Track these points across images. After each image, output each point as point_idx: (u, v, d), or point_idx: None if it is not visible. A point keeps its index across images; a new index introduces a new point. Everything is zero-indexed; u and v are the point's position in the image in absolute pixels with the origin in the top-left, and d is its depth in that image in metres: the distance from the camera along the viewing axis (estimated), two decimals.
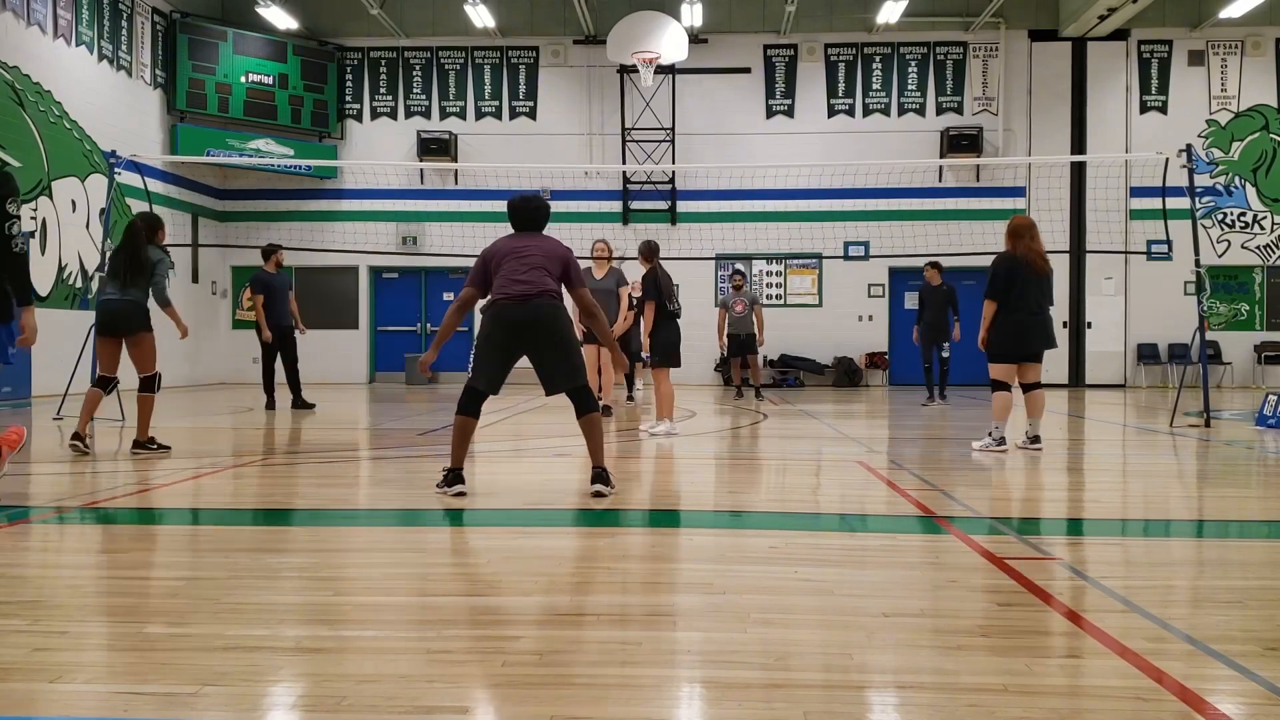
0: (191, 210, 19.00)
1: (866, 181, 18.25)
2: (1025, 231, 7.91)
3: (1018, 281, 7.72)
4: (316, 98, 19.63)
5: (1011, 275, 7.74)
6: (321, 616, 3.20)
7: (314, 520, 5.04)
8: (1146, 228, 17.73)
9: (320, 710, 2.38)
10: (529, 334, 5.37)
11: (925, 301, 13.31)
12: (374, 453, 8.02)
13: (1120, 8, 17.48)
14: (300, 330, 12.13)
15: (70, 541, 4.60)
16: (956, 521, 4.77)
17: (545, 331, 5.36)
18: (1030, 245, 7.82)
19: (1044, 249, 8.00)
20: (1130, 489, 6.35)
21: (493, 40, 19.85)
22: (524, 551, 4.21)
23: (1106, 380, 19.36)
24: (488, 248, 5.65)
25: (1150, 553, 4.39)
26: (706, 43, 19.50)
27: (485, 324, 5.50)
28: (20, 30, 14.11)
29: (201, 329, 19.35)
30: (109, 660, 2.76)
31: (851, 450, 8.09)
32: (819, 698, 2.46)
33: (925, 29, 19.42)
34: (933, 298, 13.21)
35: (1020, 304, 7.75)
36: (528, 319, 5.35)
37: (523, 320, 5.35)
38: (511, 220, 5.73)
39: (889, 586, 3.61)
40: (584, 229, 17.99)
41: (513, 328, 5.36)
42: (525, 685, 2.55)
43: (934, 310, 13.16)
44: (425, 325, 20.40)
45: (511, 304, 5.34)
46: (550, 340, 5.39)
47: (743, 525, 4.92)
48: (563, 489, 5.90)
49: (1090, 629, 3.01)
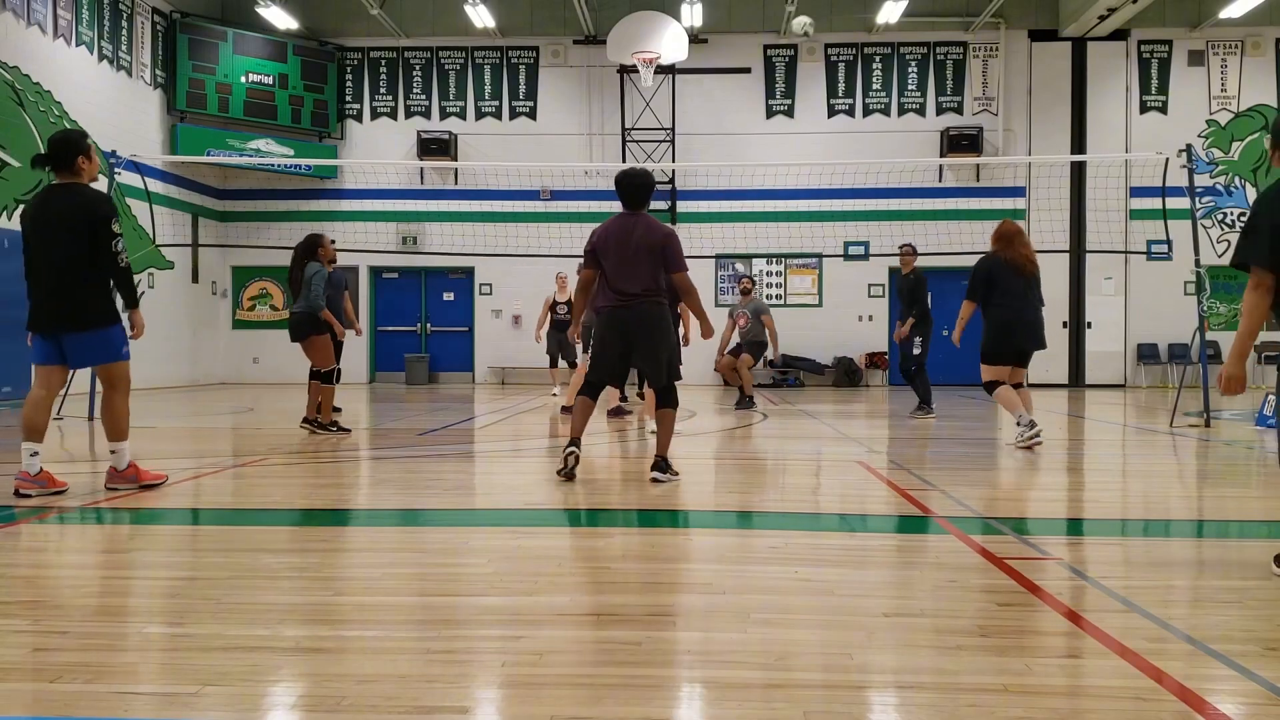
0: (191, 210, 19.00)
1: (866, 181, 18.25)
2: (1014, 238, 7.97)
3: (1000, 283, 7.77)
4: (316, 98, 19.63)
5: (992, 277, 7.80)
6: (321, 616, 3.20)
7: (314, 520, 5.04)
8: (1146, 228, 17.71)
9: (320, 710, 2.38)
10: (633, 335, 5.98)
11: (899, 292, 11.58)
12: (374, 453, 8.02)
13: (1120, 8, 17.48)
14: (356, 331, 11.41)
15: (70, 541, 4.60)
16: (956, 521, 4.77)
17: (646, 333, 5.97)
18: (1018, 249, 7.88)
19: (1032, 251, 8.02)
20: (1130, 489, 6.35)
21: (493, 40, 19.85)
22: (524, 551, 4.21)
23: (1106, 380, 19.36)
24: (596, 230, 6.14)
25: (1150, 553, 4.39)
26: (706, 43, 19.50)
27: (598, 325, 6.15)
28: (20, 30, 14.11)
29: (201, 329, 19.37)
30: (109, 660, 2.75)
31: (851, 450, 8.09)
32: (819, 698, 2.46)
33: (925, 29, 19.42)
34: (902, 287, 11.42)
35: (1005, 304, 7.76)
36: (632, 322, 5.96)
37: (627, 323, 5.97)
38: (619, 196, 6.12)
39: (889, 586, 3.62)
40: (584, 229, 17.95)
41: (620, 330, 5.99)
42: (525, 685, 2.55)
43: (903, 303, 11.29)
44: (425, 325, 20.40)
45: (617, 309, 5.98)
46: (649, 341, 5.97)
47: (743, 525, 4.92)
48: (563, 489, 5.90)
49: (1090, 629, 3.01)
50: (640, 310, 5.93)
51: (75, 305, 5.32)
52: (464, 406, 13.51)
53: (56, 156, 5.41)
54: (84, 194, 5.40)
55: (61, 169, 5.41)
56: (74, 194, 5.37)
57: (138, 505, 5.21)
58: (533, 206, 19.51)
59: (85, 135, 5.62)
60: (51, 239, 5.31)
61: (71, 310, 5.33)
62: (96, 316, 5.36)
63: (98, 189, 5.59)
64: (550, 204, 19.56)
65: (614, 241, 5.96)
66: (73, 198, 5.35)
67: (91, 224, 5.27)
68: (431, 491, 5.87)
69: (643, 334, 5.95)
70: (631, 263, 5.90)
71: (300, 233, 10.71)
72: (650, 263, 5.92)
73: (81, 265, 5.30)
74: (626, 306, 5.93)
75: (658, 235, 5.95)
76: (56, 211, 5.33)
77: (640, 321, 5.94)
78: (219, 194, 19.92)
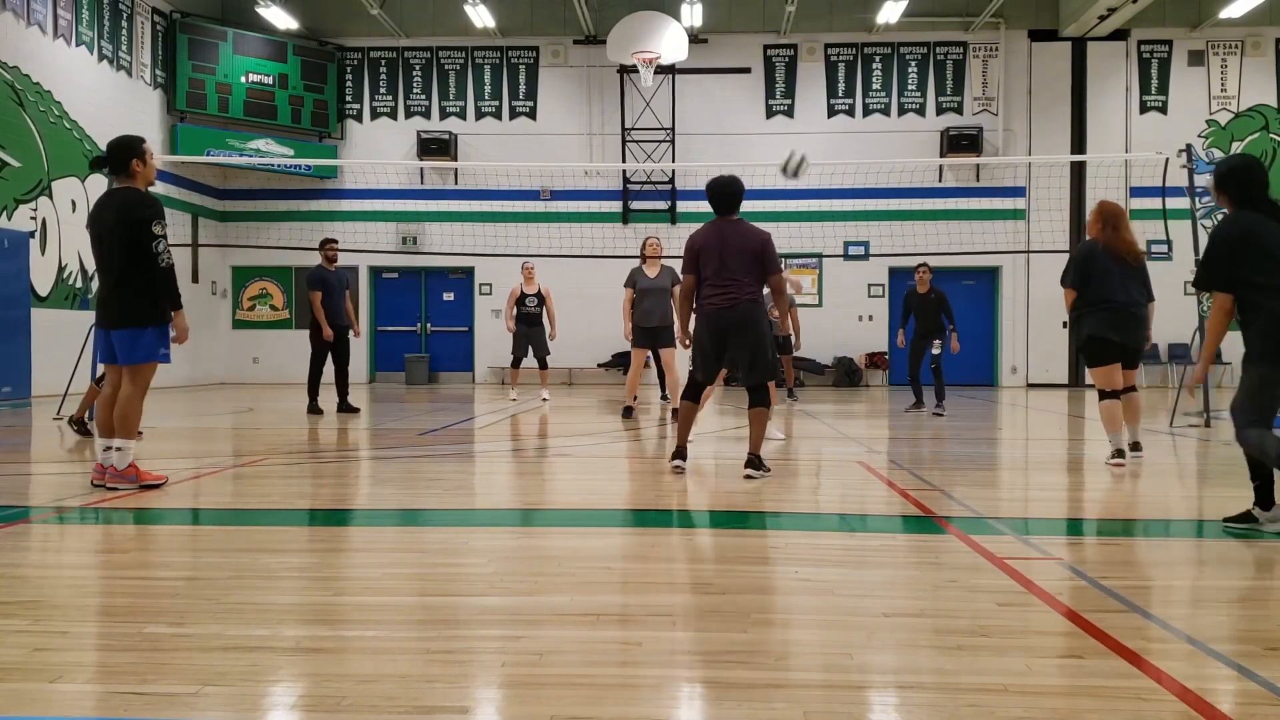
0: (191, 210, 19.00)
1: (866, 181, 18.24)
2: (1110, 218, 6.95)
3: (1096, 271, 6.78)
4: (316, 98, 19.63)
5: (1087, 264, 6.82)
6: (321, 616, 3.20)
7: (313, 520, 5.04)
8: (1146, 228, 17.65)
9: (320, 710, 2.38)
10: (733, 336, 6.21)
11: (915, 310, 11.98)
12: (374, 453, 8.01)
13: (1120, 8, 17.48)
14: (354, 333, 11.55)
15: (70, 541, 4.60)
16: (956, 521, 4.77)
17: (746, 335, 6.19)
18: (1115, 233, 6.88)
19: (1133, 239, 6.95)
20: (1130, 489, 6.35)
21: (493, 40, 19.85)
22: (524, 551, 4.21)
23: None
24: (693, 236, 6.37)
25: (1150, 553, 4.39)
26: (706, 43, 19.50)
27: (699, 326, 6.35)
28: (20, 30, 14.11)
29: (201, 329, 19.36)
30: (109, 660, 2.75)
31: (851, 450, 8.09)
32: (819, 698, 2.46)
33: (925, 29, 19.42)
34: (922, 306, 11.90)
35: (1100, 295, 6.77)
36: (733, 324, 6.19)
37: (728, 325, 6.20)
38: (711, 203, 6.38)
39: (889, 586, 3.62)
40: (584, 229, 18.03)
41: (721, 331, 6.23)
42: (525, 685, 2.55)
43: (926, 320, 11.84)
44: (425, 325, 20.40)
45: (719, 312, 6.21)
46: (749, 340, 6.19)
47: (743, 525, 4.92)
48: (563, 489, 5.89)
49: (1090, 629, 3.01)
50: (742, 310, 6.18)
51: (119, 304, 5.61)
52: (464, 406, 13.51)
53: (113, 160, 5.69)
54: (131, 196, 5.64)
55: (118, 172, 5.70)
56: (124, 196, 5.64)
57: (138, 505, 5.21)
58: (533, 206, 19.51)
59: (142, 140, 5.88)
60: (105, 240, 5.62)
61: (117, 308, 5.62)
62: (135, 315, 5.59)
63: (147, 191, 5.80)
64: (550, 204, 19.56)
65: (715, 246, 6.22)
66: (123, 199, 5.62)
67: (133, 225, 5.51)
68: (431, 491, 5.87)
69: (743, 334, 6.19)
70: (733, 265, 6.18)
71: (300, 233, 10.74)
72: (751, 265, 6.19)
73: (126, 265, 5.56)
74: (732, 308, 6.17)
75: (757, 239, 6.24)
76: (110, 213, 5.62)
77: (742, 322, 6.18)
78: (219, 194, 19.92)
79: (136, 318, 5.59)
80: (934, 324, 11.86)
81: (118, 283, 5.60)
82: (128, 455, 5.63)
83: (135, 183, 5.69)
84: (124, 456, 5.62)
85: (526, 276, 13.53)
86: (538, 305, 13.46)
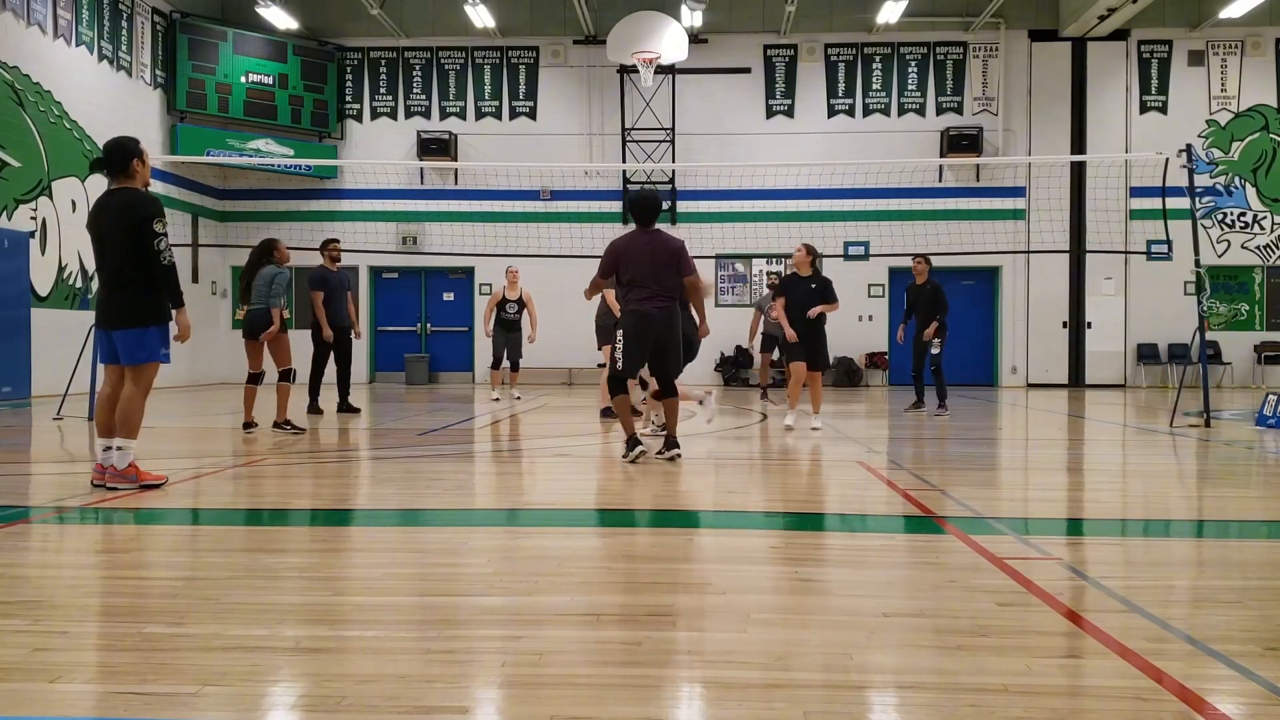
0: (191, 210, 19.00)
1: (866, 181, 18.25)
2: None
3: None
4: (316, 98, 19.62)
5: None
6: (321, 616, 3.20)
7: (313, 520, 5.04)
8: (1146, 228, 17.72)
9: (320, 710, 2.38)
10: (661, 333, 6.99)
11: (914, 302, 12.05)
12: (374, 453, 8.01)
13: (1120, 8, 17.48)
14: (356, 334, 11.51)
15: (70, 541, 4.60)
16: (956, 521, 4.77)
17: (672, 334, 7.04)
18: None
19: None
20: (1130, 489, 6.35)
21: (493, 40, 19.85)
22: (524, 551, 4.21)
23: (1106, 380, 19.35)
24: (616, 242, 7.11)
25: (1150, 553, 4.39)
26: (706, 43, 19.50)
27: (629, 327, 6.99)
28: (20, 30, 14.11)
29: (201, 329, 19.34)
30: (109, 660, 2.75)
31: (851, 450, 8.09)
32: (819, 698, 2.46)
33: (925, 29, 19.42)
34: (919, 297, 11.93)
35: None
36: (661, 325, 6.97)
37: (657, 325, 6.97)
38: (634, 215, 7.13)
39: (889, 586, 3.61)
40: (584, 229, 18.00)
41: (650, 332, 6.97)
42: (525, 685, 2.55)
43: (923, 312, 11.83)
44: (425, 325, 20.39)
45: (652, 314, 6.94)
46: (673, 338, 7.06)
47: (743, 525, 4.91)
48: (563, 489, 5.89)
49: (1090, 629, 3.01)
50: (671, 312, 7.00)
51: (121, 303, 5.61)
52: (464, 406, 13.51)
53: (114, 160, 5.71)
54: (131, 196, 5.67)
55: (118, 173, 5.71)
56: (124, 196, 5.66)
57: (138, 505, 5.21)
58: (533, 206, 19.51)
59: (138, 141, 5.92)
60: (106, 240, 5.63)
61: (118, 308, 5.62)
62: (137, 314, 5.60)
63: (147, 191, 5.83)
64: (550, 204, 19.56)
65: (638, 254, 6.96)
66: (122, 199, 5.65)
67: (134, 223, 5.53)
68: (431, 491, 5.87)
69: (670, 333, 7.01)
70: (657, 271, 6.93)
71: (300, 233, 10.74)
72: (669, 270, 6.97)
73: (127, 264, 5.57)
74: (662, 311, 6.95)
75: (676, 247, 7.07)
76: (110, 213, 5.64)
77: (668, 321, 6.98)
78: (219, 194, 19.92)
79: (139, 318, 5.60)
80: (930, 316, 11.77)
81: (119, 283, 5.59)
82: (128, 455, 5.64)
83: (135, 183, 5.71)
84: (124, 456, 5.62)
85: (510, 281, 13.55)
86: (518, 311, 13.48)
